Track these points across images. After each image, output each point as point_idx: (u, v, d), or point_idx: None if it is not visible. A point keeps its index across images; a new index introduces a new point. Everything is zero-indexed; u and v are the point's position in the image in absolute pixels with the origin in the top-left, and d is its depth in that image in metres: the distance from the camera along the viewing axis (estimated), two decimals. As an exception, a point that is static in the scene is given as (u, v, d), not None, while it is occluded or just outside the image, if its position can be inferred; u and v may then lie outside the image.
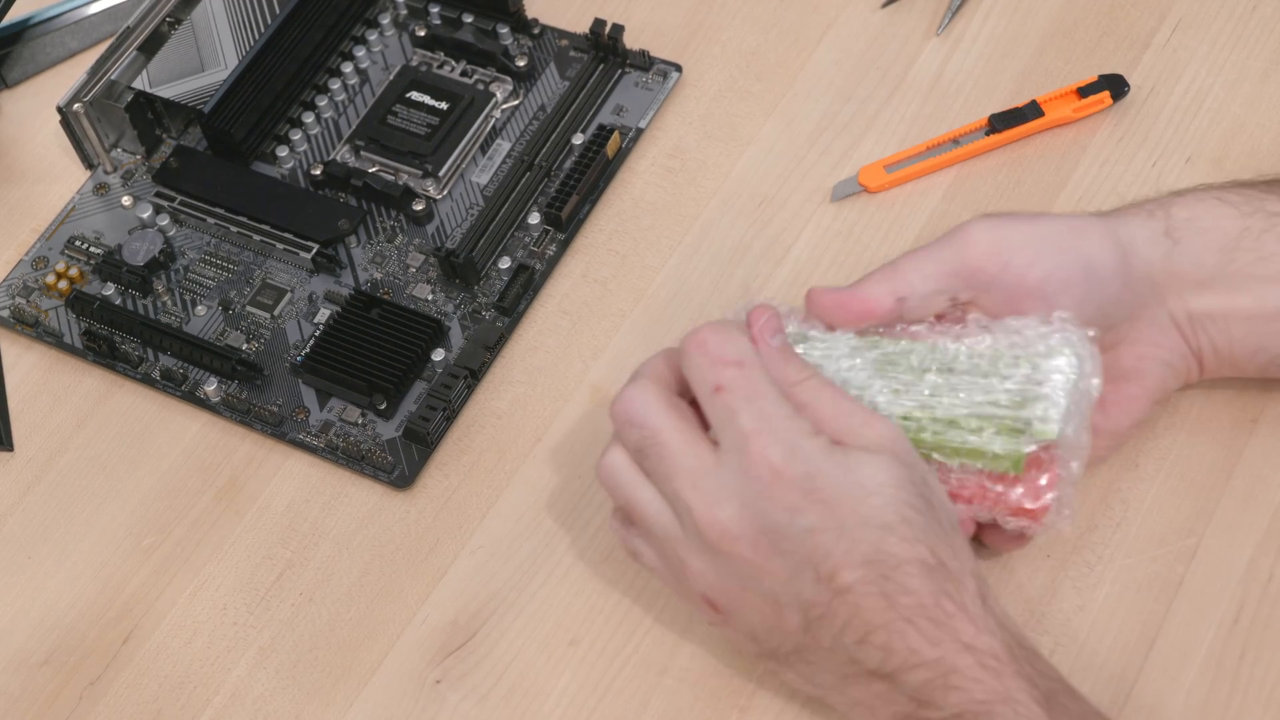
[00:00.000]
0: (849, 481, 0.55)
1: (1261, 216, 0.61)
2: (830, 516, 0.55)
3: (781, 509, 0.55)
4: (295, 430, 0.71)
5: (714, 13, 0.81)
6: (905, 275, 0.60)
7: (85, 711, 0.66)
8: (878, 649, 0.55)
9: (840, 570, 0.55)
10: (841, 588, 0.55)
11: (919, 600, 0.54)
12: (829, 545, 0.55)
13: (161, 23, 0.80)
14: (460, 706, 0.64)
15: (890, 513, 0.55)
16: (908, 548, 0.55)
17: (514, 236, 0.75)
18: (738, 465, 0.56)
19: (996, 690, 0.54)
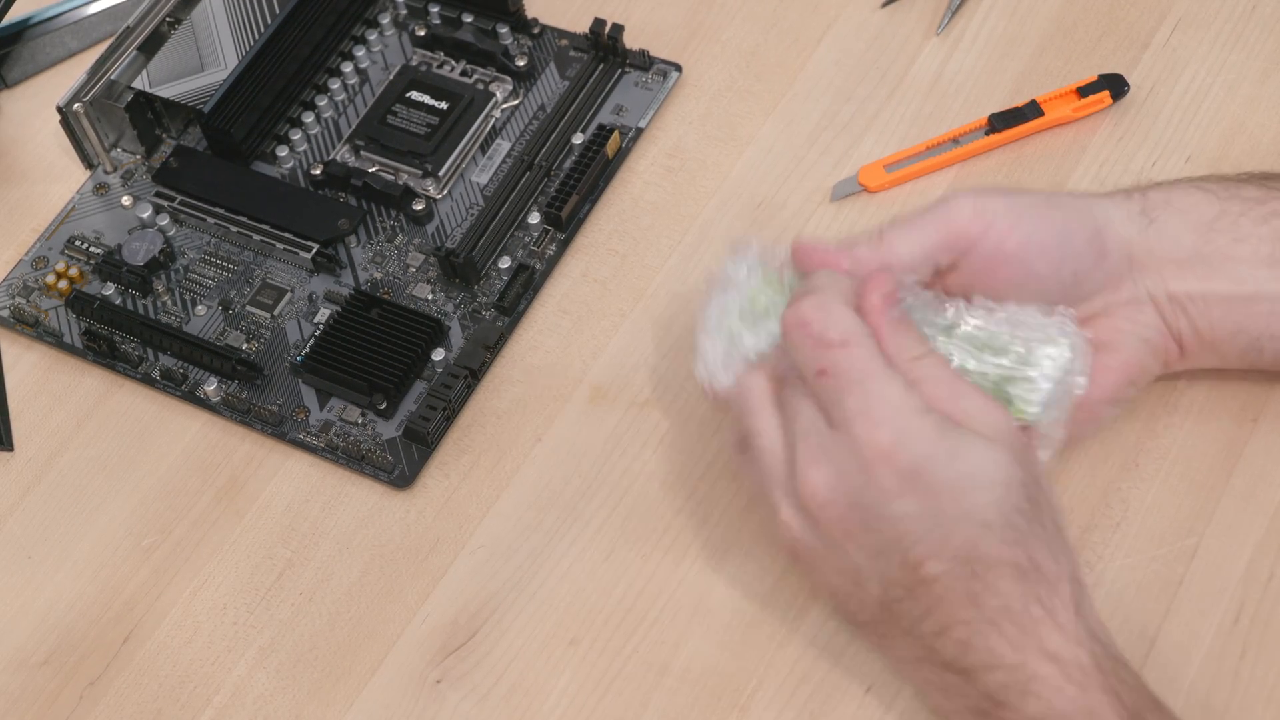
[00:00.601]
0: (956, 472, 0.54)
1: (1238, 201, 0.62)
2: (929, 506, 0.54)
3: (878, 490, 0.54)
4: (295, 430, 0.71)
5: (714, 13, 0.81)
6: (892, 246, 0.60)
7: (85, 711, 0.66)
8: (955, 643, 0.54)
9: (927, 560, 0.54)
10: (926, 577, 0.54)
11: (1006, 603, 0.54)
12: (920, 534, 0.54)
13: (161, 23, 0.80)
14: (460, 706, 0.64)
15: (993, 512, 0.54)
16: (1004, 550, 0.54)
17: (514, 236, 0.75)
18: (844, 441, 0.55)
19: (1079, 703, 0.53)
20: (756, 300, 0.62)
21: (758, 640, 0.63)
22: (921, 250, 0.60)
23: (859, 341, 0.56)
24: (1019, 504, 0.55)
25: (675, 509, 0.67)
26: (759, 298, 0.62)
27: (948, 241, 0.60)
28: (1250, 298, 0.61)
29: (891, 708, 0.61)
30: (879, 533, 0.55)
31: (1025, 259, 0.60)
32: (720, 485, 0.67)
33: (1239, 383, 0.66)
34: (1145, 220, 0.62)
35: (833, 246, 0.60)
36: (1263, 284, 0.61)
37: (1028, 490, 0.55)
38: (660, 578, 0.65)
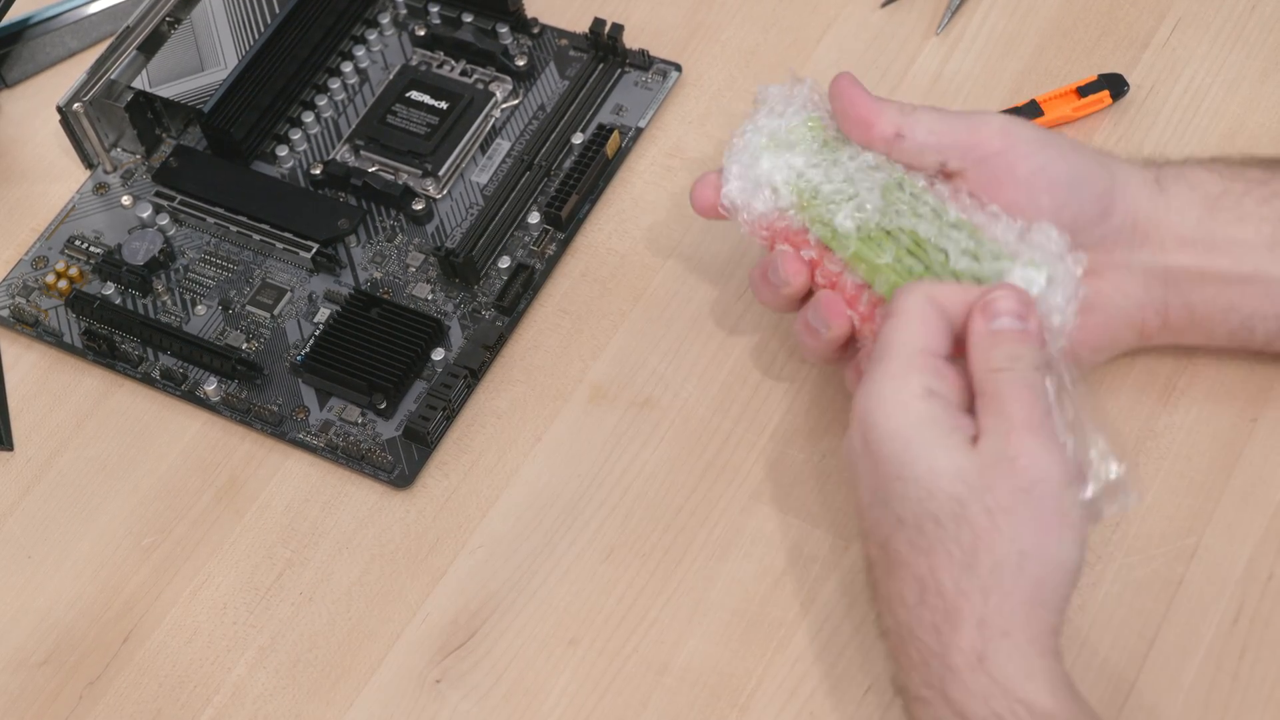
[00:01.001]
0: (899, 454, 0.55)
1: (1241, 181, 0.62)
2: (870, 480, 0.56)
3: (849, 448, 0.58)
4: (295, 430, 0.71)
5: (714, 12, 0.81)
6: (916, 119, 0.62)
7: (85, 711, 0.66)
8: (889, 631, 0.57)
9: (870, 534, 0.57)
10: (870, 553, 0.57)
11: (910, 620, 0.55)
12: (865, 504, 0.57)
13: (161, 22, 0.80)
14: (460, 706, 0.64)
15: (908, 509, 0.55)
16: (909, 555, 0.55)
17: (514, 236, 0.75)
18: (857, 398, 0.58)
19: None
20: (790, 133, 0.64)
21: (758, 640, 0.63)
22: (938, 141, 0.61)
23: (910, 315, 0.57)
24: (936, 516, 0.54)
25: (675, 509, 0.67)
26: (793, 132, 0.64)
27: (966, 144, 0.61)
28: (1247, 278, 0.62)
29: (891, 708, 0.61)
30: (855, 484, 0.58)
31: (1032, 188, 0.61)
32: (720, 485, 0.67)
33: (1239, 383, 0.66)
34: (1158, 189, 0.62)
35: (867, 94, 0.62)
36: (1261, 265, 0.61)
37: (959, 510, 0.54)
38: (660, 578, 0.65)
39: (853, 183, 0.62)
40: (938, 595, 0.54)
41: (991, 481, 0.54)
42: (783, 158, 0.64)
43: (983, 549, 0.54)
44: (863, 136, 0.63)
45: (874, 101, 0.63)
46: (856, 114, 0.63)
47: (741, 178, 0.64)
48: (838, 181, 0.62)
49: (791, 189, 0.63)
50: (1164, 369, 0.66)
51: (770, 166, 0.64)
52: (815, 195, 0.63)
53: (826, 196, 0.62)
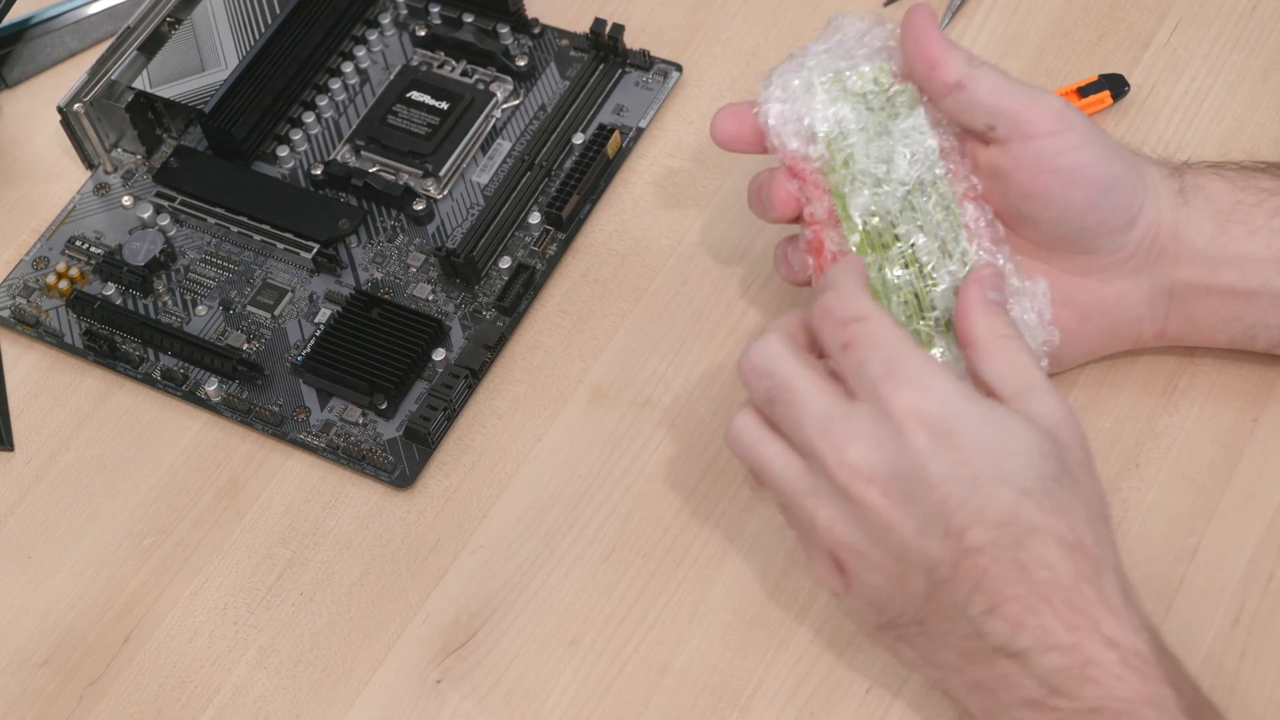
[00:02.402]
0: (986, 433, 0.54)
1: (1253, 191, 0.62)
2: (964, 466, 0.53)
3: (913, 452, 0.54)
4: (296, 430, 0.71)
5: (714, 13, 0.81)
6: (981, 74, 0.61)
7: (85, 711, 0.66)
8: (1007, 623, 0.53)
9: (970, 528, 0.53)
10: (971, 548, 0.53)
11: (1056, 577, 0.53)
12: (961, 497, 0.53)
13: (162, 23, 0.80)
14: (460, 706, 0.64)
15: (1029, 477, 0.53)
16: (1045, 518, 0.53)
17: (514, 236, 0.75)
18: (871, 411, 0.55)
19: (1140, 692, 0.51)
20: (856, 79, 0.62)
21: (758, 640, 0.63)
22: (995, 103, 0.60)
23: (877, 316, 0.57)
24: (1055, 473, 0.54)
25: (675, 509, 0.67)
26: (860, 79, 0.62)
27: (1020, 117, 0.60)
28: (1254, 291, 0.61)
29: (892, 708, 0.61)
30: (921, 501, 0.54)
31: (1070, 181, 0.60)
32: (720, 485, 0.67)
33: (1239, 383, 0.66)
34: (1181, 201, 0.62)
35: (939, 34, 0.61)
36: (1269, 279, 0.61)
37: (1065, 465, 0.54)
38: (660, 578, 0.65)
39: (888, 165, 0.61)
40: (1082, 547, 0.53)
41: (1065, 441, 0.55)
42: (835, 106, 0.61)
43: (1091, 500, 0.55)
44: (924, 76, 0.61)
45: (945, 44, 0.61)
46: (925, 52, 0.61)
47: (786, 102, 0.62)
48: (874, 158, 0.61)
49: (827, 144, 0.62)
50: (1165, 369, 0.66)
51: (820, 108, 0.61)
52: (847, 163, 0.61)
53: (857, 170, 0.61)
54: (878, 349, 0.56)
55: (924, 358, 0.56)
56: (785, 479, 0.57)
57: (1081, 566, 0.53)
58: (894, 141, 0.61)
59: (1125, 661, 0.52)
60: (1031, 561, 0.53)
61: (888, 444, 0.54)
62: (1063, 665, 0.52)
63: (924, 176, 0.61)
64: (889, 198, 0.61)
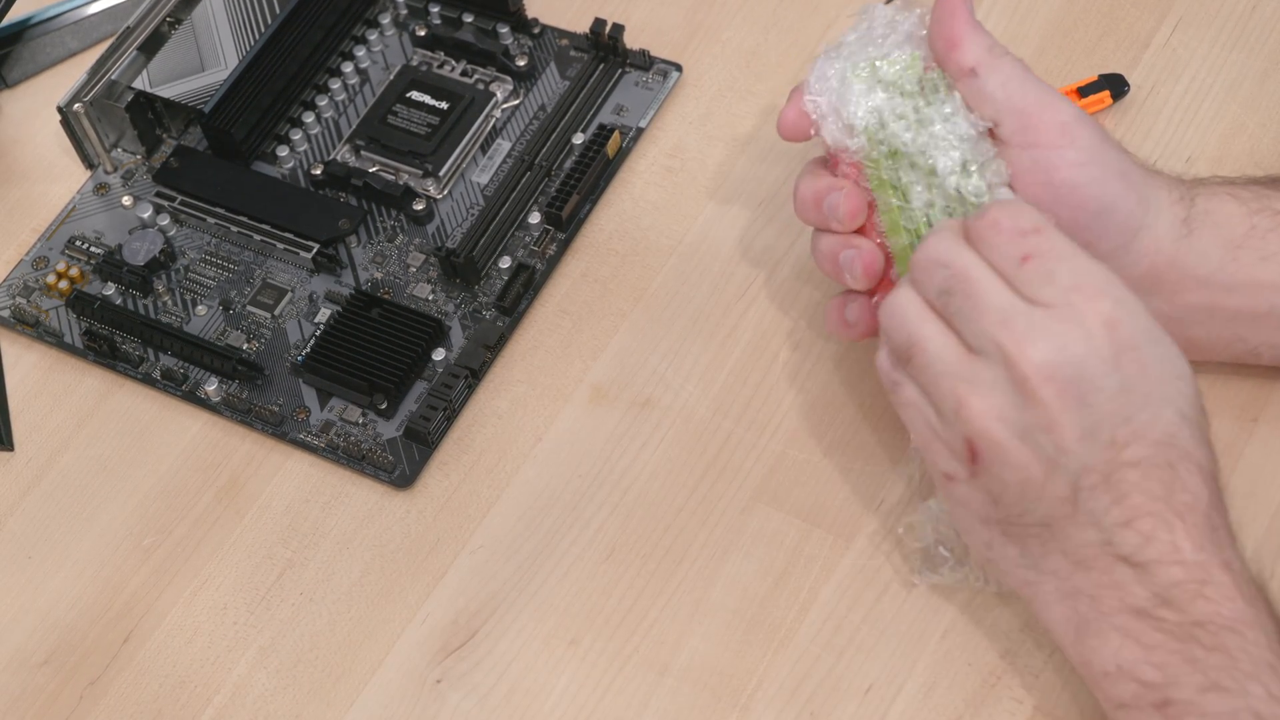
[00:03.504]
0: (1162, 354, 0.55)
1: (1268, 215, 0.61)
2: (1140, 384, 0.54)
3: (1100, 360, 0.54)
4: (296, 430, 0.71)
5: (714, 13, 0.81)
6: (997, 66, 0.60)
7: (85, 711, 0.66)
8: (1139, 535, 0.54)
9: (1132, 443, 0.54)
10: (1128, 461, 0.54)
11: (1195, 501, 0.54)
12: (1130, 412, 0.54)
13: (161, 23, 0.80)
14: (460, 706, 0.64)
15: (1190, 404, 0.55)
16: (1196, 448, 0.55)
17: (514, 236, 0.75)
18: (1059, 314, 0.54)
19: (1246, 614, 0.53)
20: (889, 67, 0.61)
21: (758, 640, 0.63)
22: (1005, 98, 0.60)
23: (1051, 229, 0.56)
24: (1201, 406, 0.55)
25: (675, 509, 0.67)
26: (892, 67, 0.61)
27: (1025, 121, 0.60)
28: (1262, 315, 0.62)
29: (891, 708, 0.61)
30: (1094, 408, 0.54)
31: (1058, 198, 0.60)
32: (720, 485, 0.67)
33: (1239, 383, 0.66)
34: (1185, 231, 0.61)
35: (969, 15, 0.61)
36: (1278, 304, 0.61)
37: (1202, 402, 0.56)
38: (660, 578, 0.65)
39: (932, 153, 0.60)
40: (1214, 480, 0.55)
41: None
42: (872, 96, 0.61)
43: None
44: (942, 55, 0.61)
45: (971, 25, 0.60)
46: (948, 30, 0.60)
47: (823, 95, 0.62)
48: (915, 148, 0.60)
49: (867, 135, 0.61)
50: (1164, 369, 0.66)
51: (856, 99, 0.61)
52: (891, 154, 0.61)
53: (900, 160, 0.60)
54: (1064, 260, 0.55)
55: (1107, 270, 0.55)
56: (942, 358, 0.56)
57: (1215, 497, 0.55)
58: (938, 129, 0.61)
59: (1238, 587, 0.53)
60: (1177, 483, 0.54)
61: (1074, 346, 0.54)
62: (1182, 579, 0.53)
63: (968, 160, 0.60)
64: (940, 187, 0.60)
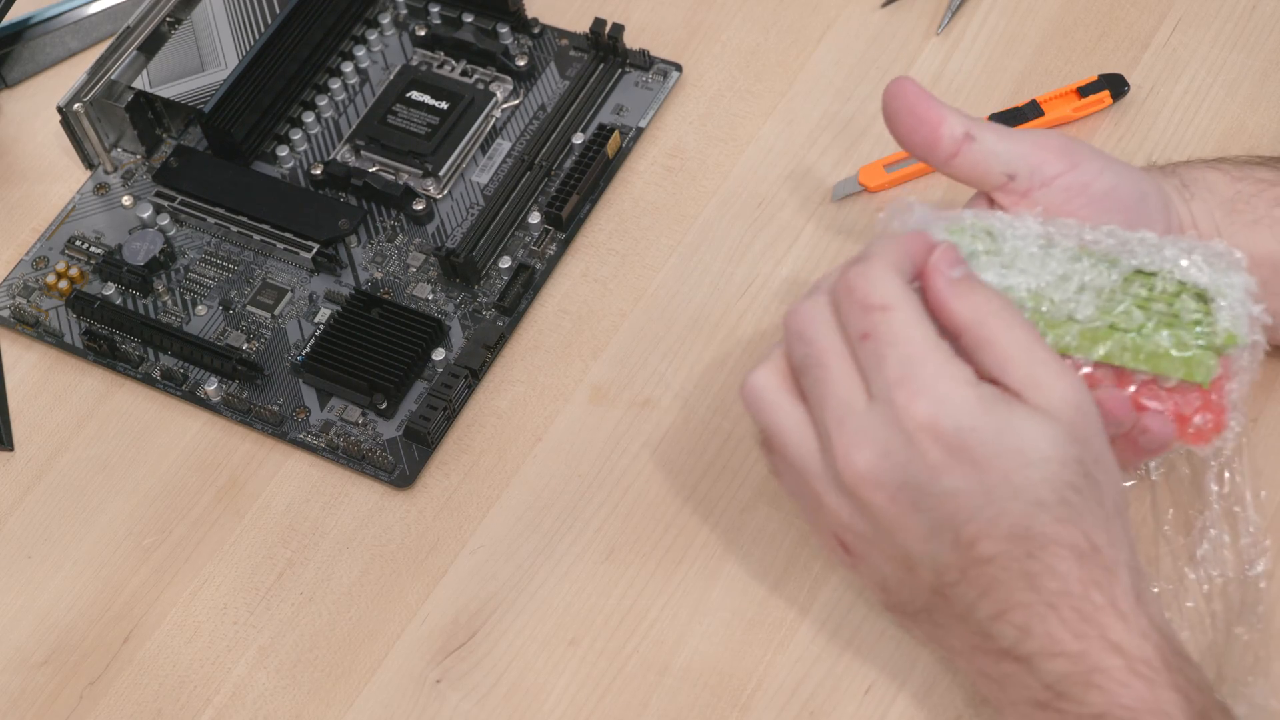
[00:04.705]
0: (1004, 446, 0.52)
1: (1250, 182, 0.62)
2: (978, 481, 0.52)
3: (925, 465, 0.52)
4: (296, 430, 0.71)
5: (714, 12, 0.81)
6: (984, 127, 0.59)
7: (85, 711, 0.66)
8: (1014, 628, 0.52)
9: (980, 539, 0.52)
10: (980, 557, 0.52)
11: (1065, 586, 0.52)
12: (972, 510, 0.52)
13: (161, 23, 0.80)
14: (460, 706, 0.64)
15: (1046, 489, 0.52)
16: (1060, 529, 0.52)
17: (514, 236, 0.75)
18: (885, 414, 0.53)
19: (1145, 699, 0.51)
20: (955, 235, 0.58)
21: (758, 640, 0.63)
22: (1008, 149, 0.59)
23: (901, 306, 0.54)
24: (1073, 481, 0.53)
25: (675, 509, 0.67)
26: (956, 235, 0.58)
27: (1032, 158, 0.59)
28: (1261, 261, 0.60)
29: (891, 708, 0.61)
30: (930, 512, 0.53)
31: (1106, 207, 0.59)
32: (720, 485, 0.67)
33: (1239, 383, 0.66)
34: (1187, 195, 0.61)
35: (932, 99, 0.59)
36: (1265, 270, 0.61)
37: (1084, 467, 0.53)
38: (660, 578, 0.65)
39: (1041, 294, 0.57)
40: (1096, 553, 0.52)
41: (1083, 433, 0.53)
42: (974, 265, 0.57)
43: (1107, 500, 0.54)
44: (928, 140, 0.59)
45: (939, 103, 0.60)
46: (924, 115, 0.59)
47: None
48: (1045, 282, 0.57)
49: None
50: (1164, 369, 0.66)
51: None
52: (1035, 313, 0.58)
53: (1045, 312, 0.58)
54: (896, 346, 0.53)
55: (943, 361, 0.53)
56: (799, 454, 0.56)
57: (1093, 573, 0.52)
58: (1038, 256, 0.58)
59: (1132, 668, 0.51)
60: (1041, 572, 0.52)
61: (898, 453, 0.53)
62: (1068, 671, 0.52)
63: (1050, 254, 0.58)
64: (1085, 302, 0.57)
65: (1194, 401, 0.58)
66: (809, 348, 0.55)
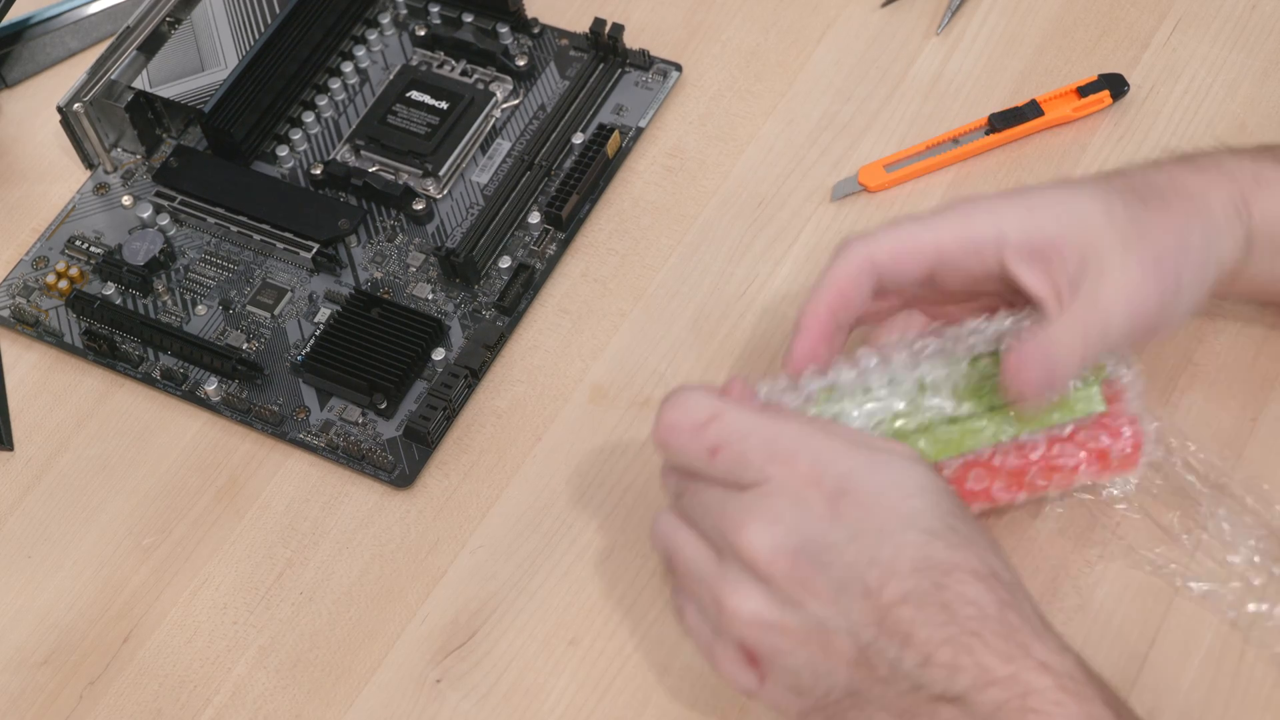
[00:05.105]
0: (881, 482, 0.53)
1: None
2: (868, 523, 0.53)
3: (816, 520, 0.53)
4: (295, 430, 0.71)
5: (714, 12, 0.81)
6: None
7: (85, 711, 0.66)
8: (943, 668, 0.52)
9: (888, 582, 0.52)
10: (892, 601, 0.52)
11: (982, 610, 0.52)
12: (871, 554, 0.52)
13: (161, 22, 0.80)
14: (460, 706, 0.64)
15: (933, 518, 0.53)
16: (956, 554, 0.52)
17: (514, 236, 0.75)
18: (765, 489, 0.54)
19: (1079, 715, 0.51)
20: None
21: (758, 640, 0.63)
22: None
23: (728, 408, 0.55)
24: (953, 509, 0.53)
25: (675, 509, 0.67)
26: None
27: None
28: None
29: (891, 707, 0.61)
30: (832, 566, 0.53)
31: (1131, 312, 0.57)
32: (720, 485, 0.67)
33: (1239, 384, 0.66)
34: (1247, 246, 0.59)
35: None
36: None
37: (955, 500, 0.54)
38: (660, 578, 0.65)
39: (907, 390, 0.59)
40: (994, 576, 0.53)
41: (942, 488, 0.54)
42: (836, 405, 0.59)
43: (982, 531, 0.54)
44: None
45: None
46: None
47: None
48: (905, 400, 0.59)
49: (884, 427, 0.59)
50: (1165, 368, 0.66)
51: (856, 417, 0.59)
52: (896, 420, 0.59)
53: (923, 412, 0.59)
54: (749, 435, 0.54)
55: (798, 425, 0.54)
56: (693, 565, 0.56)
57: (1001, 595, 0.52)
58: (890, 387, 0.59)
59: (1061, 686, 0.51)
60: (954, 600, 0.52)
61: (788, 515, 0.53)
62: (1004, 699, 0.51)
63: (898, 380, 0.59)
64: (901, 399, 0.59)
65: (1102, 437, 0.59)
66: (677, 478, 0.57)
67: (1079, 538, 0.63)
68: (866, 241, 0.60)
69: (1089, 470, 0.60)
